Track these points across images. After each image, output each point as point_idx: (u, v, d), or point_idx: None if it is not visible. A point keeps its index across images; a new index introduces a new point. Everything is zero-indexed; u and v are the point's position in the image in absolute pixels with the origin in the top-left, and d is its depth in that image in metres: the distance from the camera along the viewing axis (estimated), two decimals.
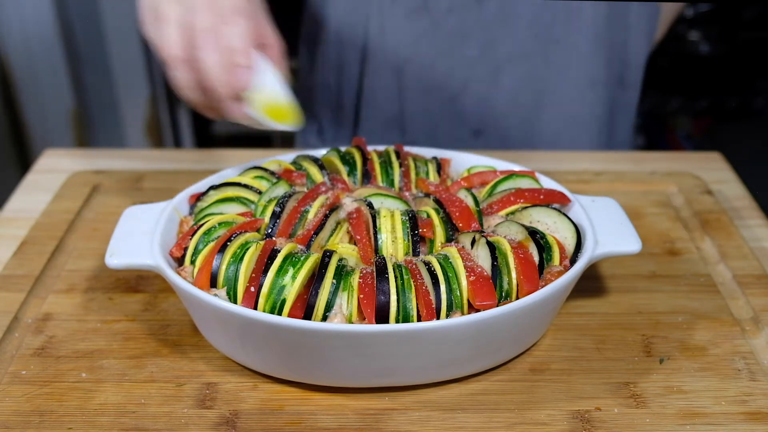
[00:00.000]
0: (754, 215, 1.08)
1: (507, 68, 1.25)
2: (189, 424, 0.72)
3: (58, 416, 0.73)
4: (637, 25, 1.27)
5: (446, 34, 1.23)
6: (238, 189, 0.88)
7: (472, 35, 1.23)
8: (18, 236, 1.00)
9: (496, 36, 1.22)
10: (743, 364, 0.80)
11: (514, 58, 1.24)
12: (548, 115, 1.29)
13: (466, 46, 1.23)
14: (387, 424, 0.73)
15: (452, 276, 0.74)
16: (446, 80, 1.27)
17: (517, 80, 1.26)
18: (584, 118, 1.31)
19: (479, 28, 1.22)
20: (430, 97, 1.28)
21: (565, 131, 1.31)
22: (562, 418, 0.73)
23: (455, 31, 1.22)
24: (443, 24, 1.22)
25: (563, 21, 1.22)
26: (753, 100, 2.65)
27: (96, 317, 0.86)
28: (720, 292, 0.91)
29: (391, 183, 0.92)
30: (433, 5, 1.21)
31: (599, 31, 1.24)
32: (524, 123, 1.30)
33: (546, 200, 0.86)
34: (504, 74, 1.25)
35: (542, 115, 1.29)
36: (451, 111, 1.28)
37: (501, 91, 1.27)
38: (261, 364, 0.77)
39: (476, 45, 1.23)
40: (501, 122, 1.29)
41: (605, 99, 1.30)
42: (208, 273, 0.76)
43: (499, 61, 1.24)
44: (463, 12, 1.21)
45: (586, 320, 0.86)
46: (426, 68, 1.26)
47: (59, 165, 1.19)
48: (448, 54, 1.24)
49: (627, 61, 1.29)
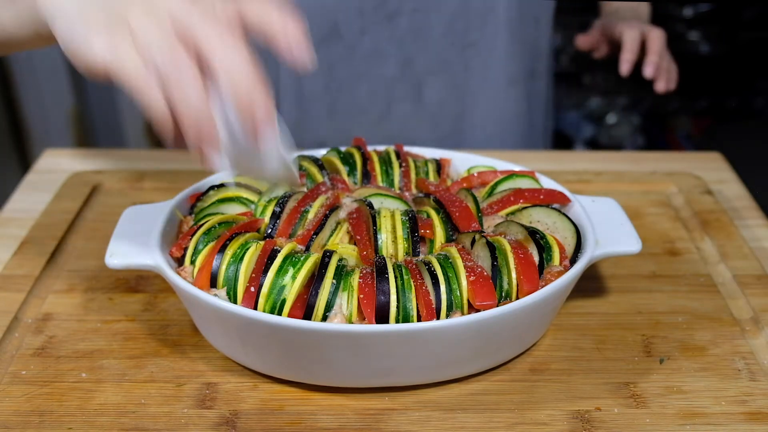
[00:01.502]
0: (754, 215, 1.08)
1: (428, 81, 1.24)
2: (189, 424, 0.72)
3: (58, 416, 0.73)
4: (545, 17, 1.27)
5: (362, 57, 1.21)
6: (238, 189, 0.88)
7: (389, 54, 1.21)
8: (18, 236, 1.00)
9: (413, 51, 1.22)
10: (743, 364, 0.80)
11: (433, 70, 1.23)
12: (475, 120, 1.29)
13: (385, 66, 1.22)
14: (387, 424, 0.73)
15: (452, 276, 0.74)
16: (368, 103, 1.26)
17: (440, 91, 1.25)
18: (509, 116, 1.31)
19: (395, 45, 1.21)
20: (355, 122, 1.27)
21: (494, 133, 1.31)
22: (562, 418, 0.73)
23: (371, 52, 1.21)
24: (358, 47, 1.20)
25: (478, 24, 1.22)
26: (753, 100, 2.65)
27: (96, 317, 0.86)
28: (720, 292, 0.91)
29: (391, 183, 0.92)
30: (344, 29, 1.19)
31: (513, 29, 1.23)
32: (453, 132, 1.30)
33: (546, 200, 0.86)
34: (426, 87, 1.25)
35: (469, 121, 1.29)
36: (379, 133, 1.27)
37: (425, 104, 1.26)
38: (261, 364, 0.77)
39: (394, 63, 1.22)
40: (430, 135, 1.29)
41: (524, 94, 1.30)
42: (208, 273, 0.76)
43: (420, 76, 1.24)
44: (376, 31, 1.19)
45: (586, 320, 0.86)
46: (345, 94, 1.25)
47: (59, 165, 1.19)
48: (366, 76, 1.23)
49: (538, 54, 1.30)
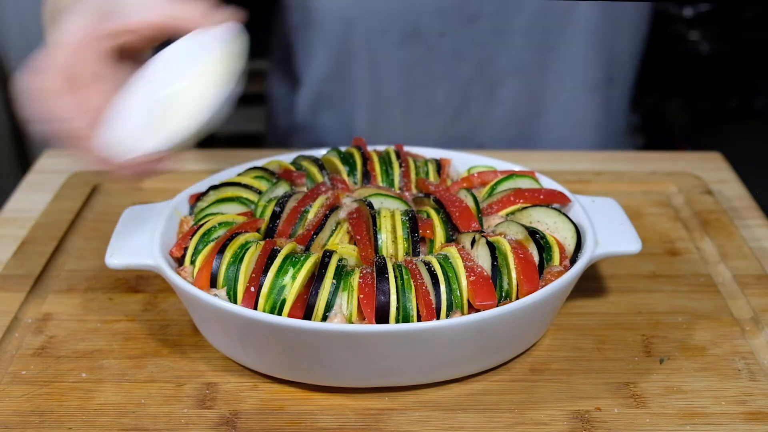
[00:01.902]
0: (754, 215, 1.08)
1: (505, 82, 1.24)
2: (189, 424, 0.72)
3: (57, 416, 0.73)
4: (628, 24, 1.26)
5: (441, 58, 1.21)
6: (238, 189, 0.88)
7: (468, 55, 1.21)
8: (18, 236, 1.00)
9: (492, 52, 1.21)
10: (743, 364, 0.80)
11: (511, 71, 1.23)
12: (548, 124, 1.29)
13: (462, 67, 1.22)
14: (387, 424, 0.73)
15: (452, 276, 0.74)
16: (444, 103, 1.25)
17: (516, 92, 1.25)
18: (584, 122, 1.30)
19: (474, 46, 1.20)
20: (429, 122, 1.27)
21: (566, 138, 1.30)
22: (562, 418, 0.73)
23: (450, 53, 1.21)
24: (437, 48, 1.20)
25: (558, 28, 1.21)
26: (753, 100, 2.64)
27: (96, 317, 0.86)
28: (720, 292, 0.91)
29: (391, 183, 0.92)
30: (425, 31, 1.19)
31: (594, 34, 1.23)
32: (524, 134, 1.29)
33: (546, 200, 0.86)
34: (502, 89, 1.24)
35: (542, 125, 1.29)
36: (451, 133, 1.27)
37: (500, 106, 1.26)
38: (261, 364, 0.77)
39: (472, 64, 1.22)
40: (501, 136, 1.29)
41: (601, 101, 1.29)
42: (208, 273, 0.76)
43: (497, 77, 1.23)
44: (457, 33, 1.19)
45: (586, 320, 0.86)
46: (421, 94, 1.24)
47: (59, 165, 1.19)
48: (444, 77, 1.23)
49: (618, 61, 1.29)
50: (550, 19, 1.20)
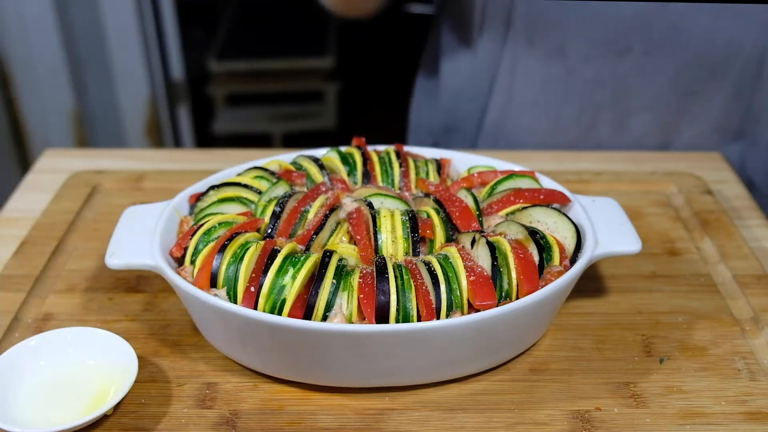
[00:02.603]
0: (754, 215, 1.08)
1: (638, 114, 1.24)
2: (189, 424, 0.72)
3: None
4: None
5: (580, 81, 1.21)
6: (238, 189, 0.88)
7: (607, 84, 1.21)
8: (18, 236, 1.00)
9: (632, 86, 1.21)
10: (743, 364, 0.80)
11: (647, 107, 1.23)
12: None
13: (599, 93, 1.22)
14: (387, 424, 0.73)
15: (452, 276, 0.74)
16: (572, 123, 1.26)
17: (646, 125, 1.25)
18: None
19: (614, 78, 1.21)
20: (552, 138, 1.27)
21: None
22: (562, 418, 0.73)
23: (589, 78, 1.21)
24: (578, 70, 1.20)
25: (705, 76, 1.20)
26: None
27: (96, 317, 0.86)
28: (720, 292, 0.91)
29: (391, 183, 0.92)
30: (570, 51, 1.19)
31: (739, 85, 1.21)
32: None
33: (546, 200, 0.86)
34: (633, 119, 1.24)
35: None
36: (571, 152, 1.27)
37: (628, 134, 1.26)
38: (261, 364, 0.77)
39: (609, 93, 1.22)
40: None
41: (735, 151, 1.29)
42: (208, 273, 0.76)
43: (631, 109, 1.23)
44: (601, 61, 1.19)
45: (586, 320, 0.86)
46: (551, 111, 1.25)
47: (59, 165, 1.19)
48: (579, 99, 1.23)
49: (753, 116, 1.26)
50: (700, 67, 1.19)
